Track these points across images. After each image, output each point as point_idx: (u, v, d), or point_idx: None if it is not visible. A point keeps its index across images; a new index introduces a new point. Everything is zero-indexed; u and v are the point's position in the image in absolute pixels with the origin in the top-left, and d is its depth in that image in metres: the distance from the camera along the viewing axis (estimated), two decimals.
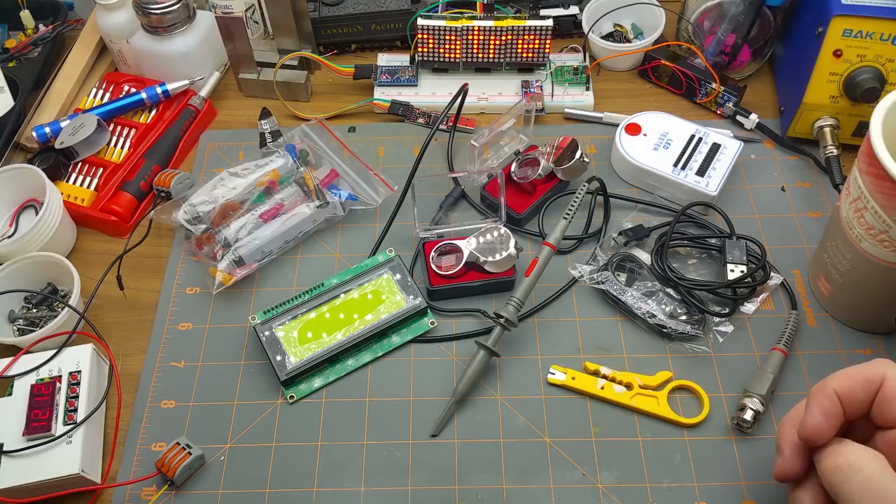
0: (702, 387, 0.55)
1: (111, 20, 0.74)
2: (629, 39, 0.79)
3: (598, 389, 0.55)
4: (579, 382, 0.56)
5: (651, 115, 0.69)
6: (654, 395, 0.55)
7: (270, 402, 0.57)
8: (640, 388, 0.55)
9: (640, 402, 0.55)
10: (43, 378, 0.54)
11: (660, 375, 0.56)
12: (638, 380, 0.56)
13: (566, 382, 0.56)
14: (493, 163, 0.69)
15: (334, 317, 0.59)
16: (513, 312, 0.56)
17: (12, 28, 0.81)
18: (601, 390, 0.55)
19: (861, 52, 0.63)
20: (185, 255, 0.65)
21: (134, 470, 0.54)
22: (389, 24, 0.79)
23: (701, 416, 0.54)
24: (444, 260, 0.61)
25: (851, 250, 0.54)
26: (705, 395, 0.55)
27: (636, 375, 0.56)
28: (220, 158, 0.73)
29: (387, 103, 0.74)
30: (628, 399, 0.55)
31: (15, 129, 0.72)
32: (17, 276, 0.61)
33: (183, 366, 0.59)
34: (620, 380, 0.56)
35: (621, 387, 0.55)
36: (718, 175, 0.65)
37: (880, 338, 0.58)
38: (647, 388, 0.55)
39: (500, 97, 0.75)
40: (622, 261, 0.62)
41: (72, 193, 0.69)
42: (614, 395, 0.55)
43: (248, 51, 0.74)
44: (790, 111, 0.69)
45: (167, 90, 0.73)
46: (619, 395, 0.55)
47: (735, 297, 0.59)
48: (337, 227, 0.67)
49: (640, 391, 0.55)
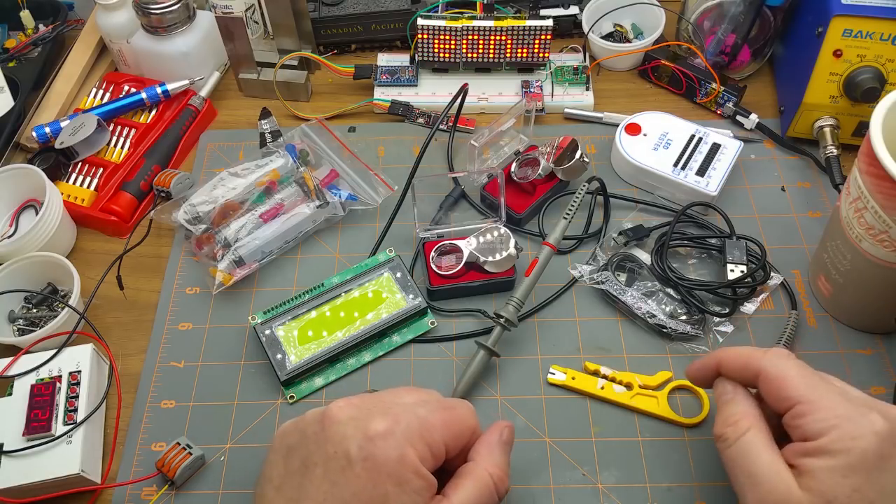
0: None
1: (111, 20, 0.74)
2: (629, 39, 0.79)
3: (598, 389, 0.55)
4: (579, 382, 0.56)
5: (651, 115, 0.69)
6: (654, 395, 0.55)
7: (271, 402, 0.57)
8: (640, 388, 0.55)
9: (640, 402, 0.55)
10: (43, 378, 0.54)
11: (660, 375, 0.56)
12: (638, 380, 0.56)
13: (566, 382, 0.56)
14: (493, 163, 0.69)
15: (334, 316, 0.59)
16: (513, 312, 0.56)
17: (12, 28, 0.81)
18: (601, 390, 0.55)
19: (861, 52, 0.63)
20: (185, 255, 0.65)
21: (134, 470, 0.54)
22: (389, 24, 0.79)
23: (701, 416, 0.54)
24: (444, 260, 0.61)
25: (851, 250, 0.54)
26: (705, 396, 0.55)
27: (636, 375, 0.56)
28: (220, 158, 0.73)
29: (387, 103, 0.74)
30: (628, 399, 0.55)
31: (15, 129, 0.72)
32: (17, 276, 0.61)
33: (183, 366, 0.59)
34: (620, 380, 0.56)
35: (621, 387, 0.55)
36: (718, 175, 0.65)
37: (880, 338, 0.58)
38: (647, 388, 0.55)
39: (500, 97, 0.75)
40: (622, 261, 0.62)
41: (72, 193, 0.69)
42: (614, 395, 0.55)
43: (248, 51, 0.74)
44: (790, 111, 0.69)
45: (167, 90, 0.73)
46: (619, 395, 0.55)
47: (735, 297, 0.59)
48: (337, 227, 0.67)
49: (640, 391, 0.55)
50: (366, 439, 0.40)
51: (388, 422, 0.41)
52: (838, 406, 0.41)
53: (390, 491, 0.40)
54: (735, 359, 0.46)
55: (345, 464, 0.40)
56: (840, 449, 0.40)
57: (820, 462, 0.40)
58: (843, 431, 0.40)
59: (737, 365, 0.46)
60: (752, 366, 0.44)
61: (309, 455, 0.41)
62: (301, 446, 0.42)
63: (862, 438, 0.39)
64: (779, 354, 0.44)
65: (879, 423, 0.40)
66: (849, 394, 0.42)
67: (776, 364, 0.44)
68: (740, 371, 0.46)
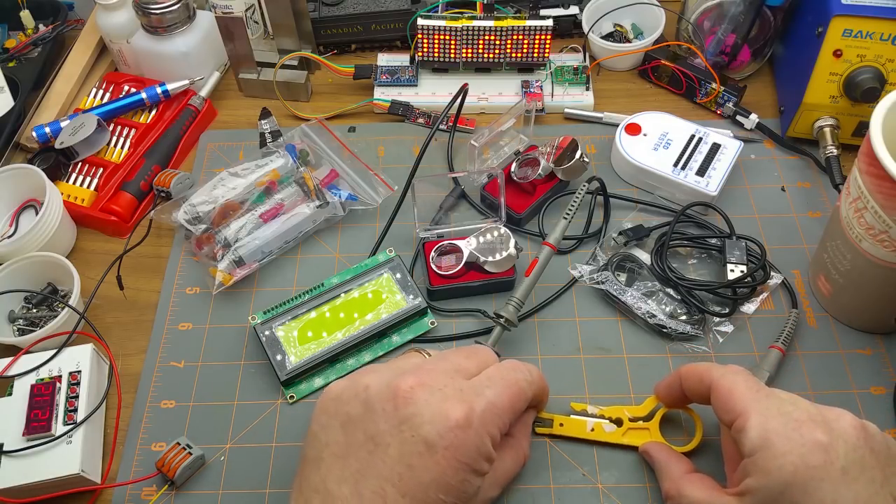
0: (696, 407, 0.52)
1: (111, 20, 0.74)
2: (629, 39, 0.79)
3: (588, 432, 0.53)
4: (568, 428, 0.54)
5: (651, 115, 0.69)
6: (646, 427, 0.53)
7: (270, 402, 0.57)
8: (630, 423, 0.53)
9: (633, 437, 0.53)
10: (43, 378, 0.54)
11: (647, 403, 0.53)
12: (627, 413, 0.53)
13: (554, 431, 0.54)
14: (493, 163, 0.69)
15: (334, 316, 0.59)
16: (513, 312, 0.56)
17: (12, 28, 0.81)
18: (591, 433, 0.53)
19: (861, 52, 0.63)
20: (185, 255, 0.65)
21: (134, 470, 0.54)
22: (389, 24, 0.79)
23: (694, 442, 0.52)
24: (444, 260, 0.61)
25: (851, 250, 0.54)
26: (698, 418, 0.52)
27: (624, 408, 0.54)
28: (220, 158, 0.73)
29: (387, 103, 0.74)
30: (620, 437, 0.53)
31: (15, 129, 0.72)
32: (17, 276, 0.61)
33: (183, 366, 0.59)
34: (609, 416, 0.54)
35: (612, 424, 0.53)
36: (718, 175, 0.65)
37: (880, 338, 0.58)
38: (638, 420, 0.53)
39: (500, 97, 0.75)
40: (622, 261, 0.62)
41: (72, 193, 0.69)
42: (605, 435, 0.53)
43: (248, 51, 0.74)
44: (790, 111, 0.69)
45: (167, 90, 0.73)
46: (610, 436, 0.53)
47: (735, 297, 0.59)
48: (337, 227, 0.67)
49: (631, 425, 0.53)
50: (446, 428, 0.41)
51: (465, 409, 0.42)
52: (772, 420, 0.41)
53: (467, 477, 0.41)
54: (692, 374, 0.48)
55: (423, 449, 0.40)
56: (773, 466, 0.40)
57: (756, 481, 0.40)
58: (776, 446, 0.40)
59: (693, 379, 0.48)
60: (705, 379, 0.46)
61: (379, 433, 0.41)
62: (367, 420, 0.42)
63: (790, 454, 0.40)
64: (733, 370, 0.46)
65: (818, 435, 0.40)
66: (797, 407, 0.42)
67: (726, 378, 0.45)
68: (696, 385, 0.47)
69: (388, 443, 0.41)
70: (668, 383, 0.51)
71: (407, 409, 0.41)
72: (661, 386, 0.52)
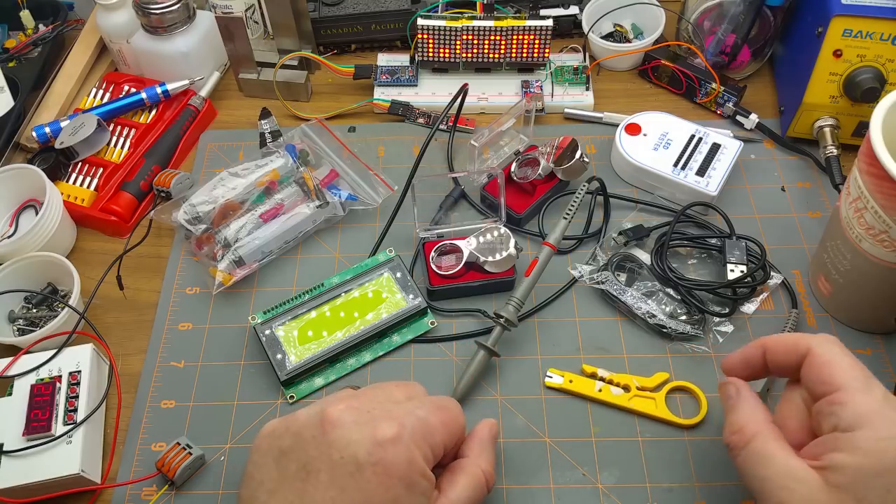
0: (701, 387, 0.55)
1: (111, 20, 0.74)
2: (629, 39, 0.79)
3: (595, 392, 0.55)
4: (576, 385, 0.56)
5: (651, 115, 0.69)
6: (652, 397, 0.55)
7: (271, 402, 0.57)
8: (637, 390, 0.55)
9: (638, 403, 0.55)
10: (43, 378, 0.54)
11: (657, 377, 0.56)
12: (635, 381, 0.55)
13: (563, 386, 0.56)
14: (493, 163, 0.69)
15: (335, 316, 0.59)
16: (513, 312, 0.56)
17: (12, 28, 0.81)
18: (599, 393, 0.55)
19: (861, 52, 0.63)
20: (185, 255, 0.65)
21: (134, 470, 0.54)
22: (389, 24, 0.79)
23: (699, 416, 0.54)
24: (444, 260, 0.62)
25: (851, 250, 0.54)
26: (703, 396, 0.55)
27: (633, 377, 0.56)
28: (220, 158, 0.73)
29: (387, 103, 0.74)
30: (626, 401, 0.55)
31: (15, 129, 0.72)
32: (17, 276, 0.61)
33: (183, 366, 0.59)
34: (618, 382, 0.56)
35: (619, 389, 0.55)
36: (718, 175, 0.65)
37: (880, 338, 0.58)
38: (645, 390, 0.55)
39: (500, 97, 0.75)
40: (622, 261, 0.62)
41: (72, 193, 0.69)
42: (612, 397, 0.55)
43: (248, 51, 0.74)
44: (790, 111, 0.69)
45: (167, 90, 0.73)
46: (616, 398, 0.55)
47: (735, 297, 0.59)
48: (337, 227, 0.67)
49: (638, 393, 0.55)
50: (374, 445, 0.40)
51: (395, 426, 0.41)
52: (877, 402, 0.40)
53: (401, 494, 0.40)
54: (780, 344, 0.45)
55: (353, 469, 0.40)
56: (873, 447, 0.38)
57: (850, 458, 0.39)
58: (879, 428, 0.39)
59: (781, 350, 0.45)
60: (801, 344, 0.44)
61: (309, 460, 0.41)
62: (298, 450, 0.42)
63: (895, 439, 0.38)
64: (830, 339, 0.44)
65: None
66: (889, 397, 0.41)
67: (827, 347, 0.43)
68: (783, 356, 0.45)
69: (319, 468, 0.40)
70: (745, 356, 0.47)
71: (335, 432, 0.41)
72: (735, 360, 0.48)
